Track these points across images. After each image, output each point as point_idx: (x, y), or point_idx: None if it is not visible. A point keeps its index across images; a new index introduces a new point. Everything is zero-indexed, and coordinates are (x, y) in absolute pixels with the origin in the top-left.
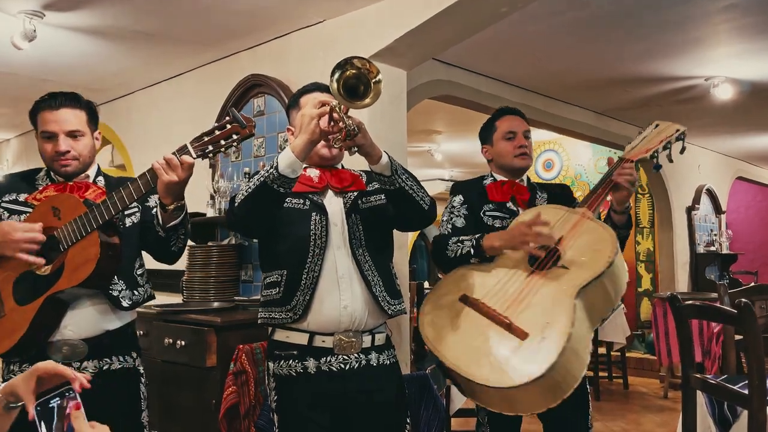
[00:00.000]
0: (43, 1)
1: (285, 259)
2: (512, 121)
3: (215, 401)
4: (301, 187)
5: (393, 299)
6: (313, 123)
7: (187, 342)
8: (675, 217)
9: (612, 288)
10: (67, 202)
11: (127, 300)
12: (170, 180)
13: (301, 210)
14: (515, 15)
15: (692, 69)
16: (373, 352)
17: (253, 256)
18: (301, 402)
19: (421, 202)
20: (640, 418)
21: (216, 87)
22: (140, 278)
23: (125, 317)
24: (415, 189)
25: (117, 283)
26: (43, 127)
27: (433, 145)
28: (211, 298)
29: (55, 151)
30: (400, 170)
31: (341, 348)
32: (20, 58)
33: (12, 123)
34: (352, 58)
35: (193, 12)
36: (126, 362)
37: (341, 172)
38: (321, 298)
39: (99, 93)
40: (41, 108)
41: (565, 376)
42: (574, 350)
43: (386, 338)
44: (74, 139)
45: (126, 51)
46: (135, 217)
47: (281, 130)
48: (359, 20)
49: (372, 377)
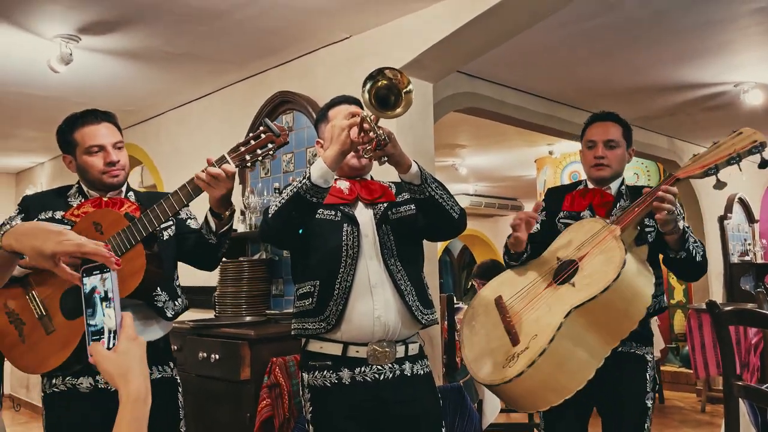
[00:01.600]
0: (79, 26)
1: (317, 269)
2: (595, 129)
3: (250, 415)
4: (332, 199)
5: (426, 309)
6: (344, 133)
7: (221, 356)
8: (707, 227)
9: (624, 306)
10: (108, 216)
11: (170, 310)
12: (220, 193)
13: (333, 221)
14: (538, 25)
15: (721, 75)
16: (407, 362)
17: (284, 270)
18: (336, 413)
19: (451, 211)
20: None
21: (245, 105)
22: (179, 289)
23: (164, 328)
24: (445, 198)
25: (160, 294)
26: (90, 142)
27: (458, 159)
28: (243, 312)
29: (106, 162)
30: (429, 179)
31: (375, 358)
32: (55, 82)
33: (46, 146)
34: (384, 69)
35: (222, 32)
36: (165, 372)
37: (371, 184)
38: (354, 307)
39: (131, 114)
40: (81, 124)
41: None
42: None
43: (419, 348)
44: (119, 150)
45: (157, 72)
46: (171, 230)
47: (310, 145)
48: (385, 35)
49: (407, 387)
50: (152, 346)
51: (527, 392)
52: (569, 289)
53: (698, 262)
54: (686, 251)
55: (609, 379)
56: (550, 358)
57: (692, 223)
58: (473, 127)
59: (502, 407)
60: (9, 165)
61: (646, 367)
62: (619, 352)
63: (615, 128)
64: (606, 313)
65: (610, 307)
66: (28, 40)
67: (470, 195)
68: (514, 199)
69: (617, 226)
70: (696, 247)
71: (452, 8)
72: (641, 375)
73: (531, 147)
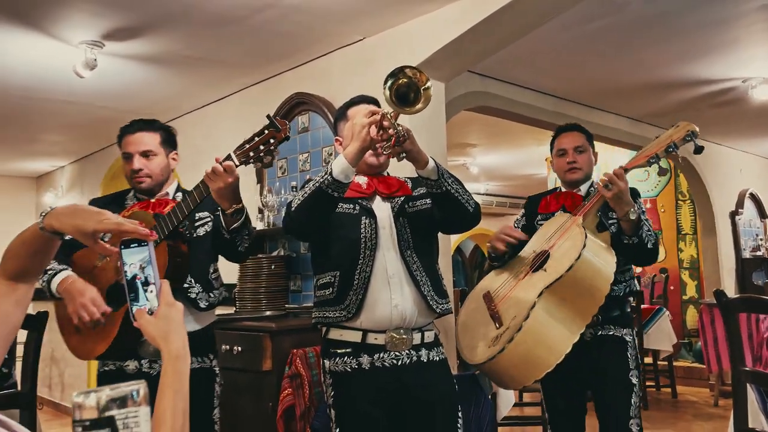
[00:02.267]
0: (103, 32)
1: (337, 260)
2: (564, 139)
3: (272, 404)
4: (351, 193)
5: (440, 298)
6: (365, 131)
7: (244, 348)
8: (718, 222)
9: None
10: (141, 217)
11: (203, 302)
12: (218, 186)
13: (352, 214)
14: (546, 26)
15: (729, 71)
16: (423, 348)
17: (302, 266)
18: (357, 397)
19: (467, 205)
20: (691, 426)
21: (261, 106)
22: (215, 281)
23: (204, 320)
24: (461, 192)
25: (194, 286)
26: (123, 149)
27: (468, 158)
28: (263, 307)
29: (130, 170)
30: (446, 174)
31: (393, 345)
32: (78, 87)
33: (66, 150)
34: (404, 67)
35: (239, 36)
36: (204, 363)
37: (388, 179)
38: (373, 296)
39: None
40: (123, 133)
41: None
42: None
43: (435, 336)
44: (147, 158)
45: (176, 75)
46: (207, 226)
47: (326, 144)
48: (397, 36)
49: (423, 373)
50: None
51: (512, 367)
52: (542, 274)
53: (649, 249)
54: (638, 237)
55: (594, 361)
56: (527, 334)
57: (704, 219)
58: (484, 126)
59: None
60: (30, 169)
61: (626, 347)
62: (600, 335)
63: (580, 136)
64: (573, 289)
65: (576, 284)
66: (54, 47)
67: (481, 194)
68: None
69: (579, 215)
70: (648, 236)
71: (462, 10)
72: (622, 354)
73: (541, 145)
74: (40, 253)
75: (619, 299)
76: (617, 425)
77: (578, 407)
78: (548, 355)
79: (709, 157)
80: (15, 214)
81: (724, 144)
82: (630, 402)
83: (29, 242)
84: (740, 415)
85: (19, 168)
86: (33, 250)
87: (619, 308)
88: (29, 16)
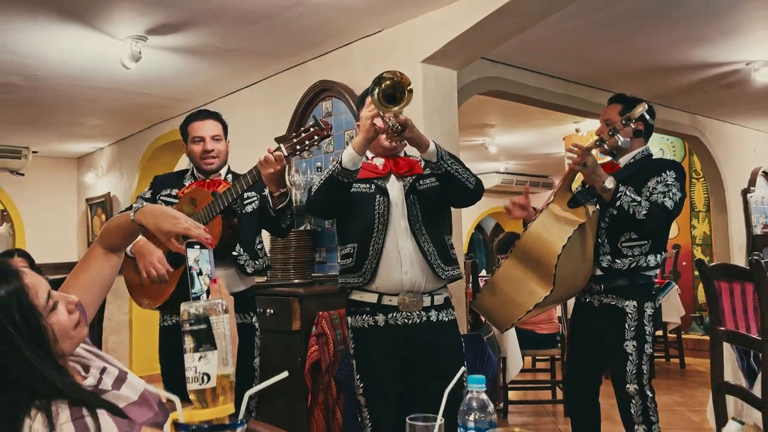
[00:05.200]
0: (146, 27)
1: (355, 234)
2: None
3: (300, 359)
4: (368, 174)
5: (447, 266)
6: (368, 123)
7: (276, 310)
8: (729, 199)
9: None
10: (200, 194)
11: (250, 267)
12: (268, 172)
13: (368, 193)
14: (553, 16)
15: (733, 54)
16: (433, 310)
17: (326, 240)
18: (373, 349)
19: (467, 183)
20: (695, 393)
21: (288, 92)
22: (260, 252)
23: (248, 282)
24: (461, 171)
25: (242, 254)
26: (194, 133)
27: (487, 138)
28: (291, 277)
29: (203, 150)
30: (445, 156)
31: (405, 306)
32: (121, 76)
33: (105, 133)
34: (383, 74)
35: (269, 29)
36: (246, 319)
37: (402, 160)
38: (385, 265)
39: (186, 102)
40: (192, 120)
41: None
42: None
43: (445, 299)
44: (216, 141)
45: (210, 65)
46: (254, 204)
47: (348, 128)
48: (413, 28)
49: (432, 331)
50: (236, 296)
51: (497, 304)
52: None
53: (638, 219)
54: (617, 209)
55: (597, 329)
56: (493, 283)
57: (715, 196)
58: (501, 108)
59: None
60: (72, 150)
61: (624, 317)
62: (604, 302)
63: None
64: (530, 254)
65: (530, 251)
66: (102, 41)
67: (501, 173)
68: (545, 176)
69: (552, 192)
70: (634, 206)
71: (474, 3)
72: (619, 323)
73: (558, 125)
74: (129, 236)
75: (623, 272)
76: (616, 386)
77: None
78: (522, 299)
79: (721, 135)
80: (58, 192)
81: (738, 123)
82: (625, 369)
83: (123, 227)
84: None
85: (61, 149)
86: (124, 233)
87: (627, 279)
88: (81, 14)
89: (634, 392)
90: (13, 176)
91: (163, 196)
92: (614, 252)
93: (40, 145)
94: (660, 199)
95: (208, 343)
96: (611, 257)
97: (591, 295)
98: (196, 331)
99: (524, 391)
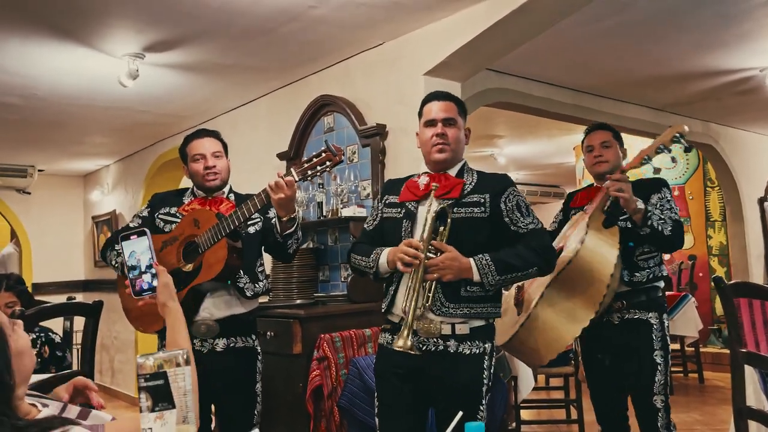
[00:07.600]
0: (143, 44)
1: None
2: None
3: (302, 384)
4: (406, 196)
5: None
6: (399, 264)
7: (276, 332)
8: (746, 208)
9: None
10: (205, 215)
11: (250, 291)
12: (279, 197)
13: (396, 218)
14: (558, 25)
15: (745, 61)
16: (452, 340)
17: (329, 258)
18: (387, 369)
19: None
20: (716, 410)
21: (288, 108)
22: (260, 274)
23: (248, 306)
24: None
25: (243, 277)
26: (194, 152)
27: (496, 149)
28: (294, 296)
29: (204, 167)
30: (491, 280)
31: (423, 331)
32: (120, 94)
33: (111, 151)
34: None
35: (268, 45)
36: (247, 342)
37: (446, 179)
38: (400, 292)
39: (186, 119)
40: (191, 139)
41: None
42: (541, 325)
43: (470, 330)
44: (217, 158)
45: (209, 81)
46: (257, 226)
47: (350, 143)
48: (415, 40)
49: (446, 361)
50: (237, 319)
51: (526, 348)
52: None
53: (666, 236)
54: (650, 227)
55: (621, 342)
56: (534, 321)
57: (731, 205)
58: (509, 118)
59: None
60: (78, 168)
61: (650, 328)
62: (627, 319)
63: (606, 133)
64: (578, 279)
65: (576, 278)
66: (99, 59)
67: None
68: (557, 186)
69: (587, 214)
70: (661, 224)
71: (475, 15)
72: (647, 334)
73: (568, 135)
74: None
75: (642, 285)
76: (642, 400)
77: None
78: (560, 335)
79: (736, 143)
80: (65, 210)
81: (752, 130)
82: (654, 379)
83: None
84: (738, 393)
85: (68, 167)
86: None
87: (645, 294)
88: (76, 33)
89: (661, 405)
90: (19, 195)
91: (161, 215)
92: (631, 266)
93: (46, 163)
94: (670, 215)
95: (165, 401)
96: (629, 272)
97: (609, 314)
98: (152, 387)
99: (538, 410)
